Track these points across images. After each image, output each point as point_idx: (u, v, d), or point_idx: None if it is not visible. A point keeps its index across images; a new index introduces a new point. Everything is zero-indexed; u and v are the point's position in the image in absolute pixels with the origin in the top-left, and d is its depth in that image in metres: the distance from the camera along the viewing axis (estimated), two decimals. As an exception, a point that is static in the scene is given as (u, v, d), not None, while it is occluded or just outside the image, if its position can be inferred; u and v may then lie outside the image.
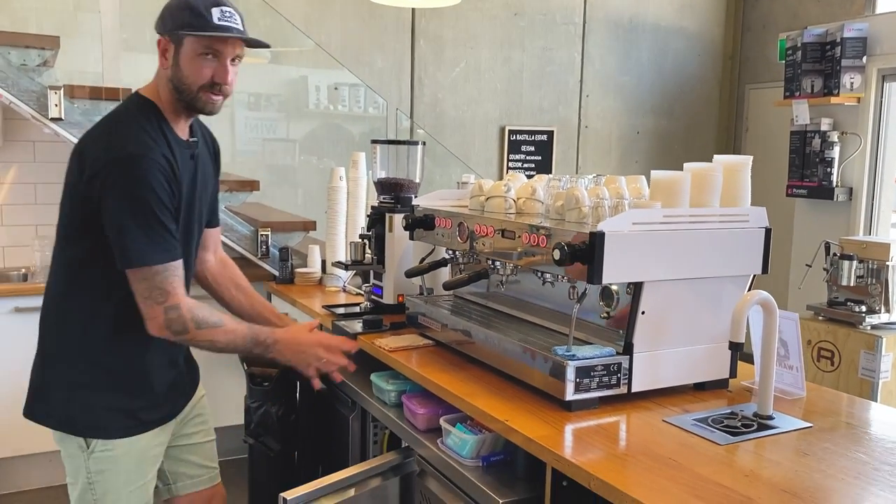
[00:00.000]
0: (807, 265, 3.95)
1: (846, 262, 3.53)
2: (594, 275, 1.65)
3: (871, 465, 1.45)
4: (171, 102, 1.80)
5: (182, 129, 1.85)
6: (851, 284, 3.54)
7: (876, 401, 3.45)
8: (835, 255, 3.59)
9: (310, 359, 1.91)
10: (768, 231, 1.87)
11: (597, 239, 1.64)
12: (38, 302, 3.38)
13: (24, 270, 3.85)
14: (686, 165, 1.85)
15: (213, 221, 2.10)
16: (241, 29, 1.79)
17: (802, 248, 4.73)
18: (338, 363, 1.97)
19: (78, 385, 1.82)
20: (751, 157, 1.88)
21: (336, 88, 4.75)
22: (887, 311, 3.50)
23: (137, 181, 1.67)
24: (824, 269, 3.66)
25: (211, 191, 2.04)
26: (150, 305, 1.70)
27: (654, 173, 1.82)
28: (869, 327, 3.49)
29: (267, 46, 1.88)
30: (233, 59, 1.80)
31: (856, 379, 3.52)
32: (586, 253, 1.65)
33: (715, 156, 1.90)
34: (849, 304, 3.61)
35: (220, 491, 2.18)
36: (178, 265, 1.73)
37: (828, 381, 3.61)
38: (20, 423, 3.42)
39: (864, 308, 3.54)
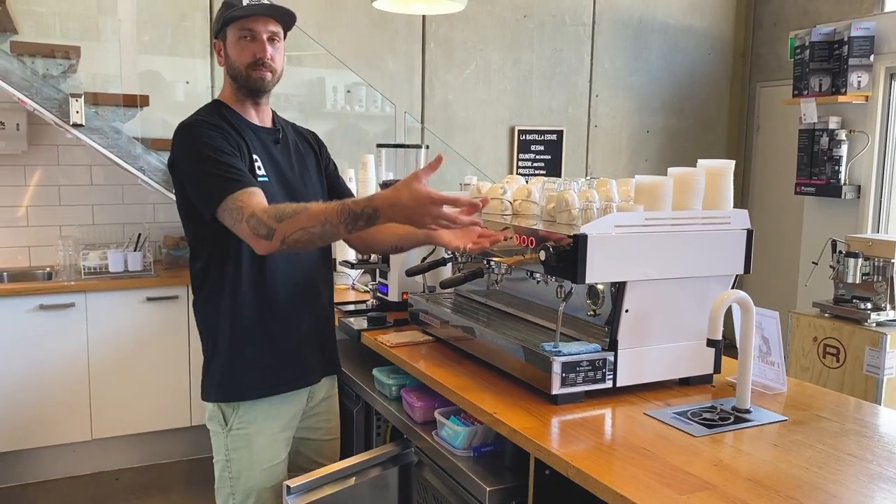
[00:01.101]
0: (813, 262, 3.98)
1: (852, 260, 3.56)
2: (578, 275, 1.73)
3: (836, 455, 1.52)
4: (234, 93, 1.99)
5: (251, 116, 2.01)
6: (857, 282, 3.58)
7: (881, 397, 3.49)
8: (841, 252, 3.63)
9: (425, 219, 1.64)
10: (750, 232, 1.94)
11: (580, 240, 1.72)
12: (62, 300, 3.59)
13: (48, 269, 4.01)
14: (670, 170, 1.93)
15: (328, 195, 2.15)
16: (268, 4, 1.94)
17: (811, 245, 4.76)
18: (455, 219, 1.66)
19: (212, 355, 1.97)
20: (732, 162, 1.95)
21: (349, 91, 4.86)
22: (892, 308, 3.53)
23: (190, 142, 1.85)
24: (830, 266, 3.69)
25: (317, 178, 2.14)
26: (238, 228, 1.75)
27: (638, 178, 1.90)
28: (874, 324, 3.52)
29: (292, 16, 1.99)
30: (271, 39, 1.94)
31: (861, 375, 3.55)
32: (570, 254, 1.73)
33: (699, 161, 1.97)
34: (854, 301, 3.65)
35: (336, 445, 2.26)
36: (247, 188, 1.77)
37: (833, 377, 3.65)
38: (45, 414, 3.60)
39: (869, 305, 3.57)
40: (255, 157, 1.93)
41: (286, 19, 1.99)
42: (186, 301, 3.78)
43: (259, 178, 1.89)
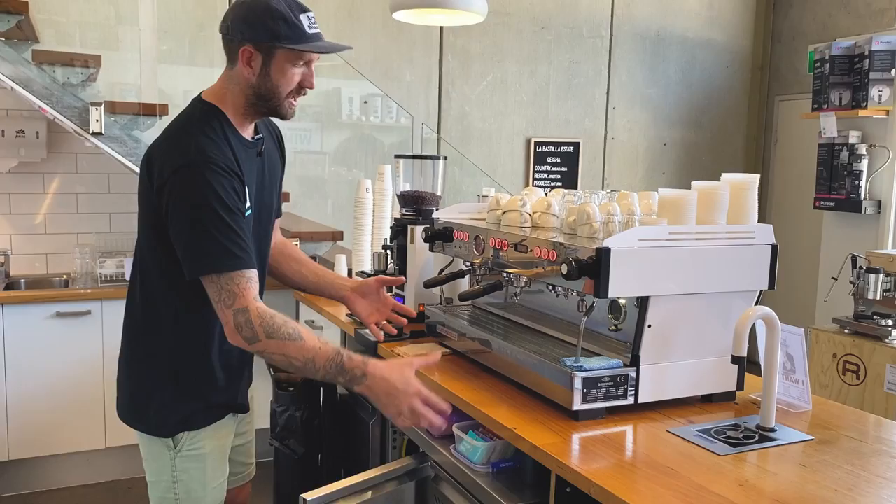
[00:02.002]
0: (833, 278, 3.93)
1: (872, 276, 3.51)
2: (600, 289, 1.71)
3: (865, 477, 1.48)
4: (243, 107, 1.78)
5: (247, 131, 1.85)
6: (878, 298, 3.53)
7: (901, 416, 3.44)
8: (861, 268, 3.58)
9: (402, 407, 1.65)
10: (775, 248, 1.91)
11: (603, 254, 1.70)
12: (78, 307, 3.60)
13: (65, 277, 4.03)
14: (693, 184, 1.91)
15: (278, 212, 2.12)
16: (327, 41, 1.80)
17: (830, 260, 4.71)
18: (431, 421, 1.69)
19: (156, 389, 1.84)
20: (757, 176, 1.93)
21: (366, 102, 4.86)
22: (914, 325, 3.48)
23: (201, 189, 1.63)
24: (851, 282, 3.65)
25: (279, 186, 2.04)
26: (221, 309, 1.64)
27: (662, 191, 1.87)
28: (895, 341, 3.47)
29: (349, 48, 1.87)
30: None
31: (881, 393, 3.50)
32: (593, 268, 1.71)
33: (723, 174, 1.95)
34: (875, 317, 3.60)
35: (249, 487, 2.28)
36: (249, 270, 1.66)
37: (853, 394, 3.60)
38: (59, 422, 3.60)
39: (890, 322, 3.52)
40: (245, 187, 1.76)
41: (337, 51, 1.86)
42: (202, 310, 3.76)
43: (246, 214, 1.76)
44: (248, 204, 1.77)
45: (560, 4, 5.34)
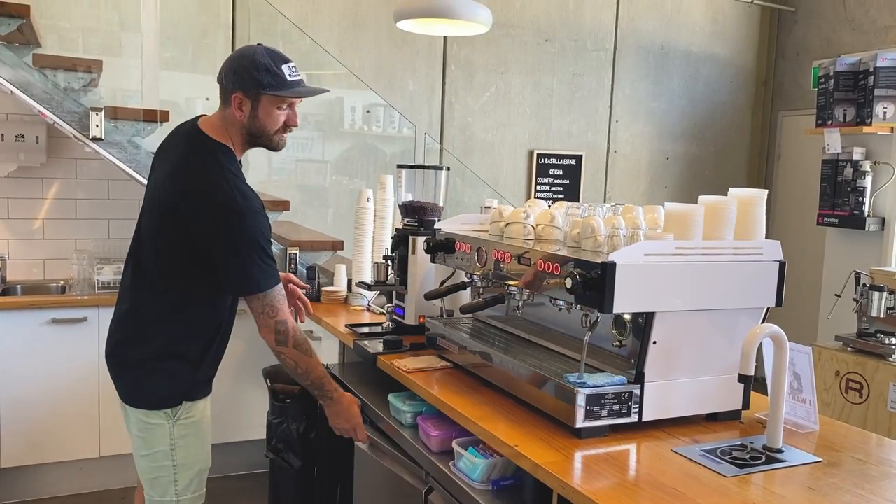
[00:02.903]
0: (836, 295, 3.90)
1: (876, 293, 3.48)
2: (605, 304, 1.68)
3: (875, 502, 1.45)
4: (240, 144, 2.09)
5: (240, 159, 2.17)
6: (882, 316, 3.50)
7: (905, 436, 3.40)
8: (865, 285, 3.55)
9: (344, 427, 2.23)
10: (782, 264, 1.88)
11: (608, 269, 1.67)
12: (75, 314, 3.57)
13: (62, 283, 3.99)
14: (700, 198, 1.88)
15: None
16: (307, 85, 2.10)
17: (833, 277, 4.67)
18: (359, 440, 2.31)
19: (161, 368, 2.08)
20: (765, 192, 1.90)
21: (368, 112, 4.85)
22: (918, 343, 3.45)
23: (251, 228, 1.97)
24: (854, 299, 3.62)
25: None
26: (265, 319, 2.03)
27: (668, 205, 1.84)
28: (898, 360, 3.43)
29: (327, 91, 2.22)
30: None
31: (885, 412, 3.46)
32: (598, 282, 1.68)
33: (730, 189, 1.92)
34: (878, 335, 3.57)
35: None
36: (280, 291, 2.05)
37: (856, 413, 3.56)
38: (53, 430, 3.56)
39: (894, 340, 3.49)
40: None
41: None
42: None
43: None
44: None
45: (564, 17, 5.33)
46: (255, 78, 1.97)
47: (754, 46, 5.98)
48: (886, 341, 3.50)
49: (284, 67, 2.01)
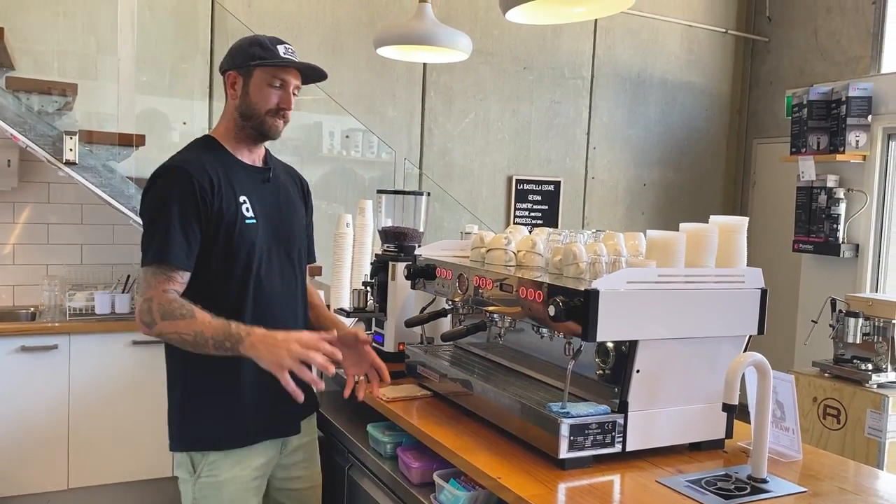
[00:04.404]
0: (812, 321, 3.93)
1: (852, 320, 3.51)
2: (588, 332, 1.66)
3: (863, 533, 1.43)
4: (235, 131, 1.96)
5: (243, 155, 1.99)
6: (857, 342, 3.52)
7: (883, 461, 3.40)
8: (841, 311, 3.57)
9: (282, 353, 1.63)
10: (764, 292, 1.88)
11: (591, 296, 1.65)
12: (45, 341, 3.48)
13: (32, 310, 3.89)
14: (682, 226, 1.88)
15: (309, 258, 2.21)
16: (303, 61, 1.98)
17: (809, 303, 4.72)
18: (314, 360, 1.64)
19: (181, 405, 1.93)
20: (746, 220, 1.90)
21: (347, 136, 4.83)
22: (894, 369, 3.46)
23: (162, 187, 1.82)
24: (830, 325, 3.64)
25: (303, 224, 2.16)
26: (137, 301, 1.83)
27: (650, 233, 1.84)
28: (875, 385, 3.45)
29: (324, 77, 2.04)
30: (293, 89, 1.98)
31: (862, 438, 3.47)
32: (581, 310, 1.66)
33: (711, 217, 1.92)
34: (855, 361, 3.58)
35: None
36: (169, 274, 1.79)
37: (834, 439, 3.56)
38: (20, 461, 3.45)
39: (870, 366, 3.51)
40: (242, 197, 1.91)
41: (314, 77, 2.02)
42: (174, 346, 3.66)
43: (247, 220, 1.91)
44: (244, 207, 1.91)
45: (542, 45, 5.38)
46: (247, 52, 1.92)
47: (729, 75, 6.07)
48: (863, 367, 3.51)
49: (280, 46, 1.95)
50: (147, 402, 3.68)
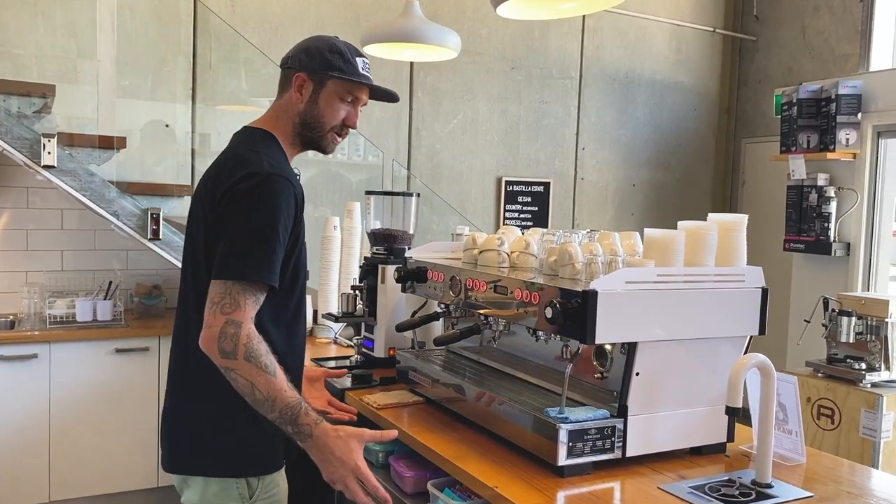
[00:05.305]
0: (805, 321, 3.90)
1: (845, 319, 3.48)
2: (586, 334, 1.61)
3: (875, 540, 1.38)
4: (290, 136, 1.82)
5: (292, 161, 1.86)
6: (850, 341, 3.49)
7: (878, 461, 3.37)
8: (833, 310, 3.54)
9: (335, 477, 1.58)
10: (765, 291, 1.83)
11: (589, 297, 1.60)
12: (24, 350, 3.39)
13: (11, 318, 3.79)
14: (680, 224, 1.83)
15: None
16: (387, 89, 1.89)
17: (800, 303, 4.69)
18: (360, 500, 1.58)
19: (219, 421, 1.70)
20: (746, 217, 1.86)
21: (332, 138, 4.77)
22: (887, 368, 3.43)
23: (266, 197, 1.62)
24: (823, 324, 3.61)
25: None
26: (215, 313, 1.55)
27: (648, 231, 1.79)
28: (869, 385, 3.42)
29: (396, 100, 1.95)
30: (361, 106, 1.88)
31: (857, 438, 3.44)
32: (578, 312, 1.61)
33: (710, 214, 1.87)
34: (848, 360, 3.55)
35: None
36: (262, 289, 1.60)
37: (828, 439, 3.53)
38: (4, 474, 3.35)
39: (863, 365, 3.48)
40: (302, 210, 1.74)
41: (381, 97, 1.92)
42: (158, 353, 3.58)
43: (305, 245, 1.76)
44: (302, 234, 1.75)
45: (530, 45, 5.34)
46: (326, 59, 1.77)
47: (717, 74, 6.06)
48: (856, 366, 3.48)
49: (359, 60, 1.82)
50: (131, 412, 3.59)
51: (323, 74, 1.78)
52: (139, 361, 3.59)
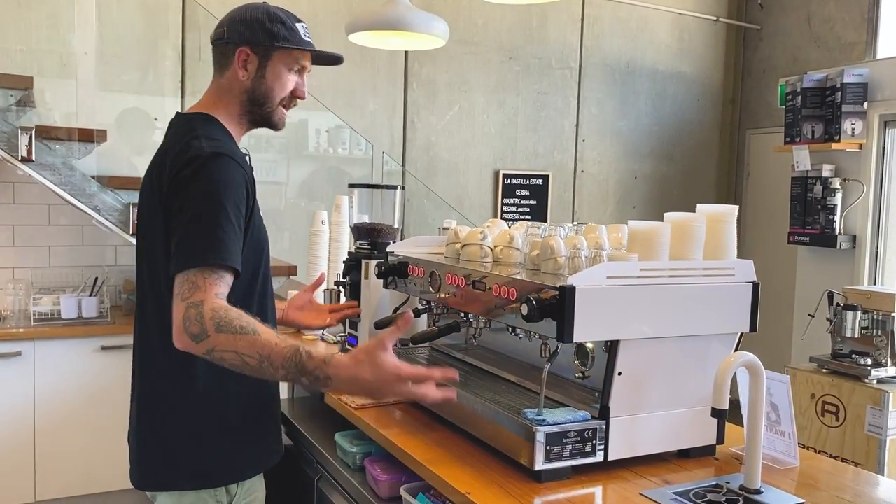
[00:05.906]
0: (809, 315, 3.80)
1: (850, 313, 3.38)
2: (564, 332, 1.52)
3: (868, 552, 1.29)
4: (237, 115, 1.74)
5: (239, 141, 1.77)
6: (856, 336, 3.40)
7: (883, 459, 3.28)
8: (838, 305, 3.45)
9: (388, 397, 1.47)
10: (756, 286, 1.73)
11: (567, 293, 1.51)
12: (8, 348, 3.33)
13: (-4, 315, 3.75)
14: (667, 215, 1.74)
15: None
16: (332, 52, 1.85)
17: (805, 297, 4.58)
18: (430, 396, 1.46)
19: (194, 433, 1.64)
20: (736, 207, 1.76)
21: (328, 131, 4.69)
22: (894, 364, 3.34)
23: (211, 177, 1.52)
24: (828, 319, 3.52)
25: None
26: (177, 303, 1.43)
27: (632, 223, 1.70)
28: (875, 381, 3.33)
29: (340, 61, 1.89)
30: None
31: (862, 435, 3.34)
32: (556, 308, 1.52)
33: (698, 205, 1.78)
34: (853, 356, 3.46)
35: None
36: (225, 276, 1.47)
37: (833, 436, 3.44)
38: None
39: (869, 361, 3.39)
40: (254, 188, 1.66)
41: (322, 61, 1.86)
42: (145, 350, 3.52)
43: (261, 228, 1.70)
44: (258, 213, 1.69)
45: (527, 35, 5.23)
46: (268, 30, 1.68)
47: (720, 64, 5.94)
48: (861, 362, 3.39)
49: (299, 25, 1.75)
50: (117, 410, 3.52)
51: (268, 46, 1.69)
52: (125, 358, 3.48)
